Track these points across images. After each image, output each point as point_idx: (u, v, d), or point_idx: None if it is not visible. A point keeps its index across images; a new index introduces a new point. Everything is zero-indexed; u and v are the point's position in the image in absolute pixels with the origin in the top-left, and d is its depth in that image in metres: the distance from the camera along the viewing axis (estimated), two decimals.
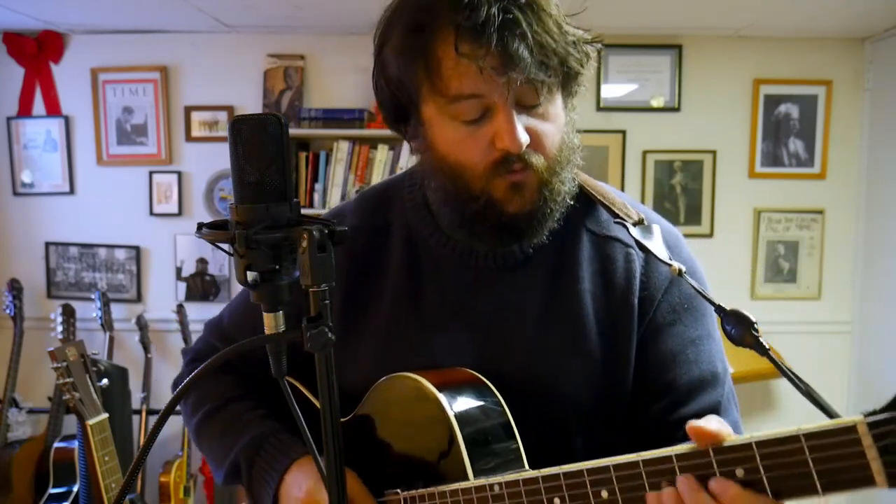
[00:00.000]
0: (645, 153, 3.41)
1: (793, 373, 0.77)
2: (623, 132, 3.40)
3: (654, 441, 0.81)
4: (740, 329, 0.79)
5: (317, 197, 3.29)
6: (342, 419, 0.99)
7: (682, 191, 3.41)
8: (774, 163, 3.41)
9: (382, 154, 3.27)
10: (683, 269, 0.88)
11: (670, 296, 0.95)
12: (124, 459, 2.13)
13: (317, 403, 1.03)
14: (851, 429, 0.56)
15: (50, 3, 2.94)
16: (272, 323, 0.70)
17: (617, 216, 0.95)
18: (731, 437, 0.65)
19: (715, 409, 0.93)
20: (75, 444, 2.66)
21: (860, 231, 3.38)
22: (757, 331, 0.78)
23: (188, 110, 3.43)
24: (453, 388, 0.90)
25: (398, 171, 3.22)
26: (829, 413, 0.69)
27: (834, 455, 0.56)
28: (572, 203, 0.96)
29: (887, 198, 3.21)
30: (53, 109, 3.43)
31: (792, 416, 3.44)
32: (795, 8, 2.88)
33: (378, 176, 3.28)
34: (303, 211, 0.70)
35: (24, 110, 3.44)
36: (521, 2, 0.83)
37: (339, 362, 1.02)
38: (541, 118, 0.88)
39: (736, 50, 3.35)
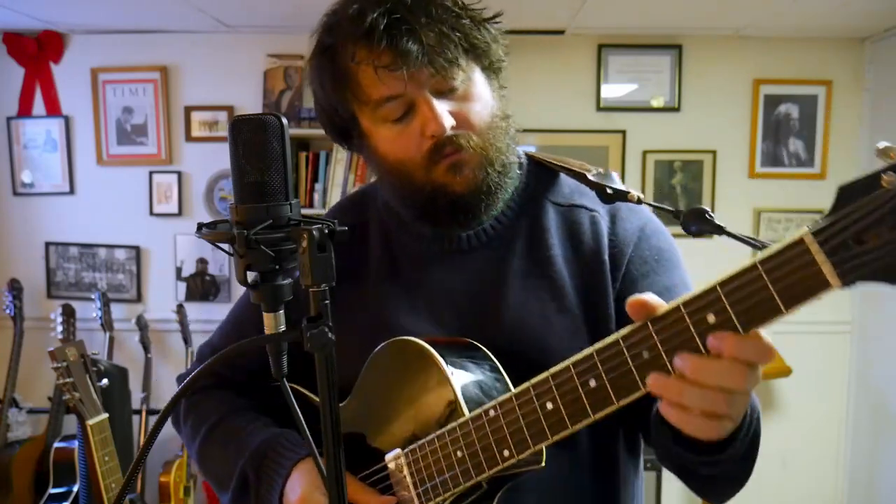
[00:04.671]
0: (645, 153, 3.41)
1: (742, 234, 0.83)
2: (623, 132, 3.40)
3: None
4: (697, 220, 0.85)
5: (317, 197, 3.29)
6: (340, 404, 1.00)
7: (682, 191, 3.41)
8: (774, 163, 3.41)
9: None
10: (641, 196, 0.94)
11: (640, 250, 0.99)
12: (124, 459, 2.13)
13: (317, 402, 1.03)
14: (798, 242, 0.59)
15: (50, 3, 2.94)
16: (272, 323, 0.70)
17: (576, 173, 1.00)
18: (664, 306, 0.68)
19: None
20: (75, 444, 2.67)
21: None
22: (711, 216, 0.84)
23: (188, 110, 3.43)
24: (442, 345, 0.93)
25: None
26: None
27: (789, 270, 0.60)
28: (531, 180, 1.04)
29: None
30: (53, 109, 3.44)
31: (792, 417, 3.44)
32: (795, 8, 2.88)
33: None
34: (303, 211, 0.70)
35: (24, 110, 3.44)
36: (407, 2, 0.90)
37: None
38: (462, 100, 0.94)
39: (736, 50, 3.35)
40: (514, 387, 0.89)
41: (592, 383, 0.73)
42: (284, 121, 0.69)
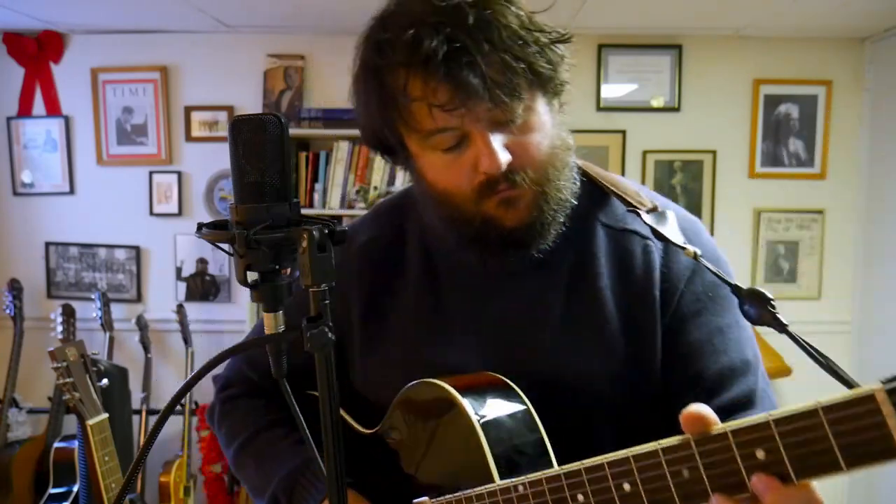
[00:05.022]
0: (645, 153, 3.41)
1: (811, 346, 0.76)
2: (623, 132, 3.40)
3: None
4: (757, 307, 0.78)
5: (317, 197, 3.29)
6: (371, 430, 0.99)
7: (682, 191, 3.41)
8: (774, 163, 3.41)
9: None
10: (699, 252, 0.86)
11: (693, 285, 0.93)
12: (124, 459, 2.13)
13: (357, 427, 1.02)
14: (869, 398, 0.53)
15: (50, 3, 2.94)
16: (272, 323, 0.70)
17: (630, 205, 0.93)
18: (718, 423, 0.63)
19: (749, 398, 0.90)
20: (75, 444, 2.66)
21: (860, 231, 3.38)
22: (774, 307, 0.77)
23: (188, 110, 3.43)
24: (477, 392, 0.88)
25: (398, 171, 3.23)
26: (851, 385, 0.67)
27: (855, 427, 0.54)
28: (582, 196, 0.95)
29: (887, 198, 3.21)
30: (53, 109, 3.44)
31: None
32: (795, 8, 2.88)
33: (378, 176, 3.27)
34: (303, 211, 0.70)
35: (24, 110, 3.44)
36: (469, 24, 0.80)
37: (364, 371, 1.02)
38: (521, 131, 0.86)
39: (736, 50, 3.35)
40: (547, 435, 0.86)
41: (626, 487, 0.69)
42: (284, 121, 0.69)
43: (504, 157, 0.84)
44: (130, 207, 3.46)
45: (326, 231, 0.66)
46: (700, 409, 0.64)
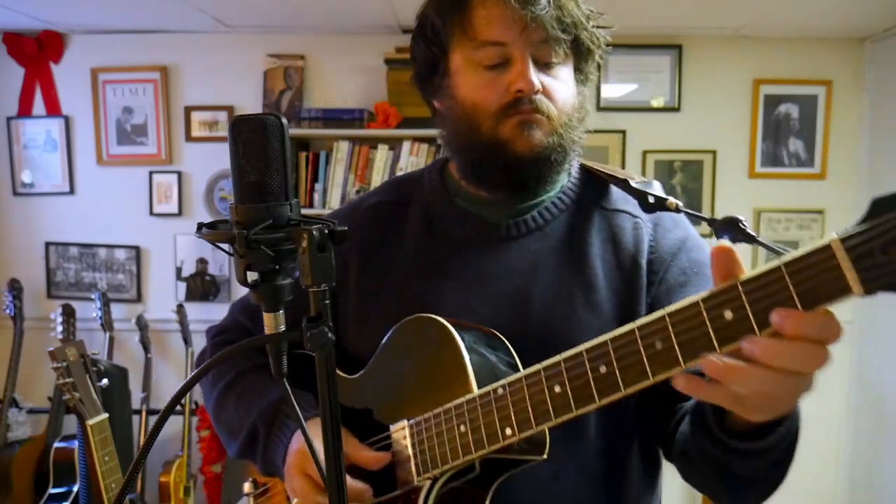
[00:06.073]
0: (645, 153, 3.41)
1: (767, 242, 0.86)
2: (623, 132, 3.40)
3: (671, 399, 0.90)
4: (730, 229, 0.87)
5: (317, 197, 3.29)
6: (354, 376, 1.02)
7: (682, 191, 3.41)
8: (774, 163, 3.41)
9: (382, 154, 3.27)
10: (680, 204, 0.96)
11: (679, 260, 1.00)
12: (124, 459, 2.13)
13: (340, 373, 1.02)
14: (826, 248, 0.60)
15: (50, 3, 2.94)
16: (272, 323, 0.70)
17: (621, 179, 1.02)
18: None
19: None
20: (75, 444, 2.67)
21: None
22: (745, 225, 0.87)
23: (188, 110, 3.43)
24: (464, 328, 0.94)
25: (398, 172, 3.24)
26: None
27: (812, 274, 0.61)
28: (582, 186, 1.06)
29: None
30: (53, 109, 3.44)
31: None
32: (795, 8, 2.88)
33: (378, 176, 3.27)
34: (303, 211, 0.70)
35: (24, 110, 3.44)
36: None
37: (356, 325, 1.05)
38: (554, 77, 0.97)
39: (736, 50, 3.36)
40: None
41: (602, 370, 0.74)
42: (284, 121, 0.69)
43: (537, 82, 0.95)
44: (130, 207, 3.46)
45: (326, 231, 0.66)
46: (730, 245, 0.68)
